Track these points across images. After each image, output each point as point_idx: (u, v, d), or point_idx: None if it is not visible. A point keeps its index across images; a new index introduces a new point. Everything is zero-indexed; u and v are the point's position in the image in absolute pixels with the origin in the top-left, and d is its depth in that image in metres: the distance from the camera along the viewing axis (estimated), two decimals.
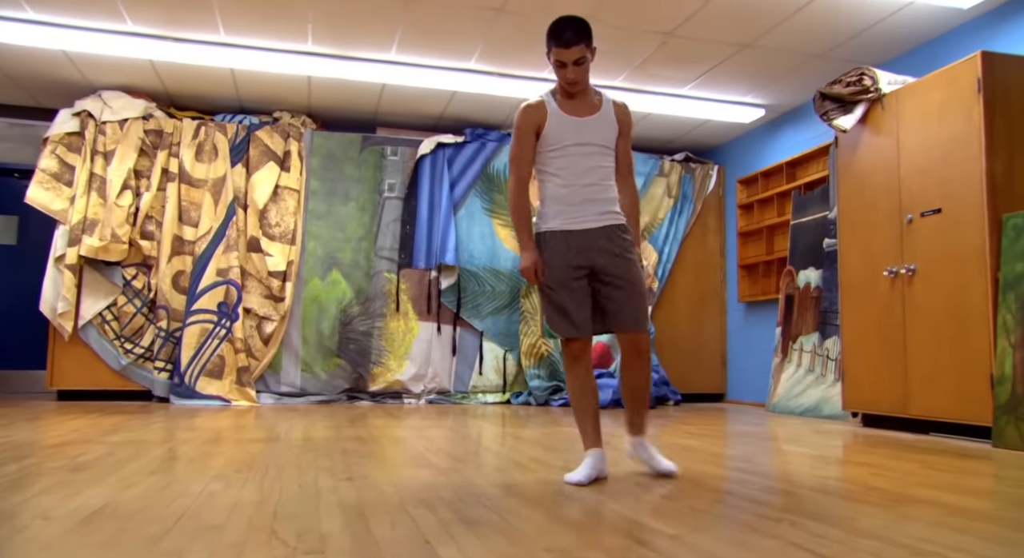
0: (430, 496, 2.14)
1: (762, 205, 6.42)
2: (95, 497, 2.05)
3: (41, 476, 2.38)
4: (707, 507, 2.05)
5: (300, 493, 2.15)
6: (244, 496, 2.09)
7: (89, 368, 5.57)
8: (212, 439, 3.44)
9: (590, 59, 2.46)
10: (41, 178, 5.57)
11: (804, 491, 2.32)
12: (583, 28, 2.43)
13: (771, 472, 2.71)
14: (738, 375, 6.73)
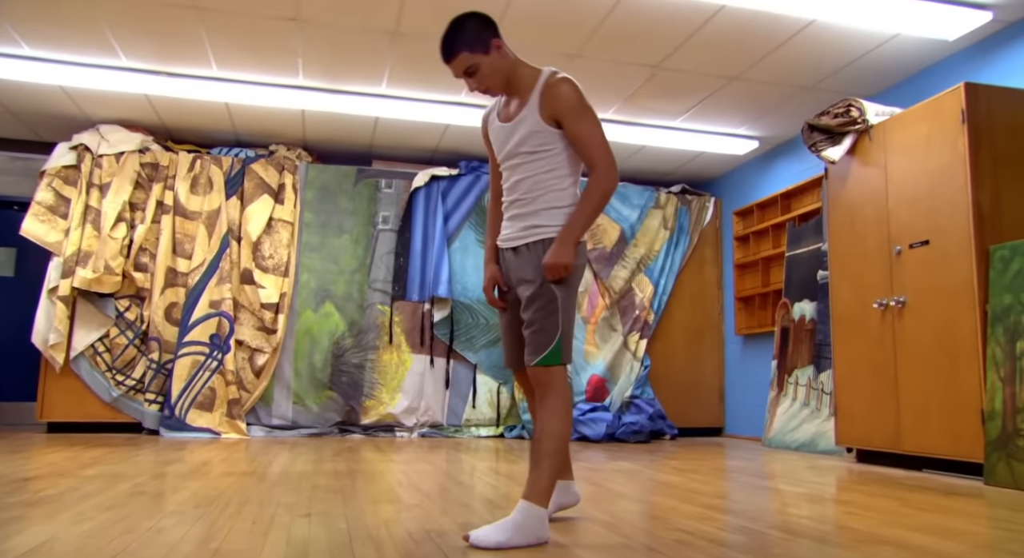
0: (381, 534, 2.09)
1: (758, 237, 6.37)
2: (37, 535, 2.02)
3: None
4: (668, 549, 1.98)
5: (250, 530, 2.11)
6: (191, 533, 2.05)
7: (80, 400, 5.56)
8: (187, 473, 3.41)
9: (486, 61, 2.13)
10: (37, 210, 5.63)
11: (769, 531, 2.25)
12: (452, 38, 2.12)
13: (743, 510, 2.63)
14: (736, 409, 6.63)
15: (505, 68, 2.18)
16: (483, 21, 2.16)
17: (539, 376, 2.11)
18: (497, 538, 1.94)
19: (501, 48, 2.17)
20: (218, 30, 4.49)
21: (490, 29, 2.16)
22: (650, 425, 6.07)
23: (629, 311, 6.56)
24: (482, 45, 2.13)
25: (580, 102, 2.11)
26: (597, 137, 2.12)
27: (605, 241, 6.59)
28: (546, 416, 2.08)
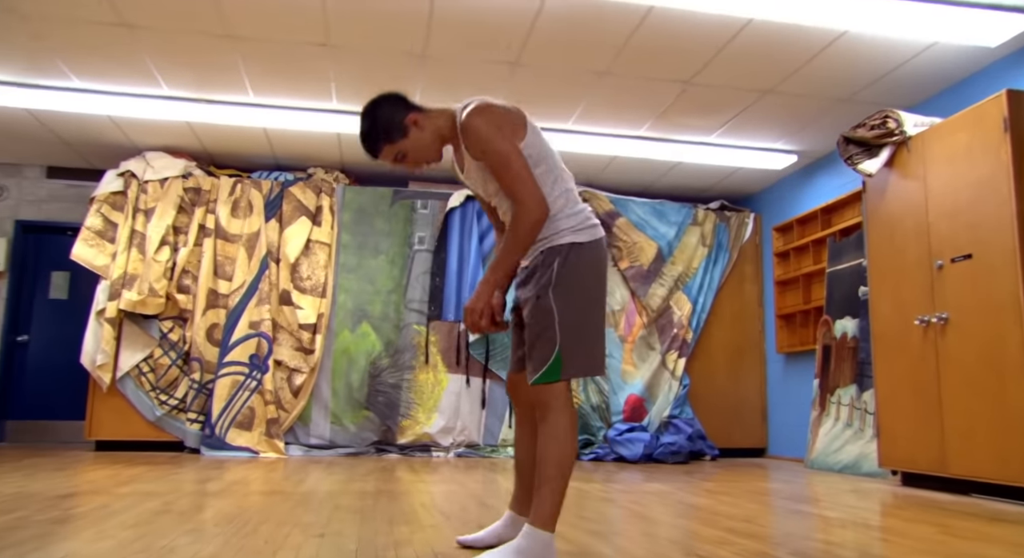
0: (388, 555, 2.08)
1: (798, 253, 6.23)
2: (55, 552, 2.06)
3: (21, 529, 2.41)
4: None
5: (261, 549, 2.12)
6: (202, 552, 2.07)
7: (126, 419, 5.71)
8: (217, 491, 3.46)
9: (409, 143, 2.08)
10: (86, 235, 5.83)
11: (788, 557, 2.17)
12: (368, 137, 2.10)
13: (766, 535, 2.55)
14: (779, 429, 6.45)
15: (429, 138, 2.10)
16: (391, 105, 2.09)
17: (537, 394, 2.01)
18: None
19: (419, 122, 2.08)
20: (252, 58, 4.61)
21: (401, 110, 2.08)
22: (689, 446, 5.95)
23: (667, 329, 6.47)
24: (399, 130, 2.07)
25: (487, 139, 1.99)
26: (511, 172, 1.98)
27: (642, 259, 6.53)
28: (544, 440, 1.96)
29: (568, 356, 1.99)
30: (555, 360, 1.99)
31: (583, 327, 2.02)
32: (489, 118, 2.00)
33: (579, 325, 2.01)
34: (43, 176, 6.82)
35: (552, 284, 2.01)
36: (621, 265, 6.53)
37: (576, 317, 2.01)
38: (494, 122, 2.00)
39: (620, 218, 6.56)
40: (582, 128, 5.63)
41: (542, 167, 2.06)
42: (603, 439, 6.06)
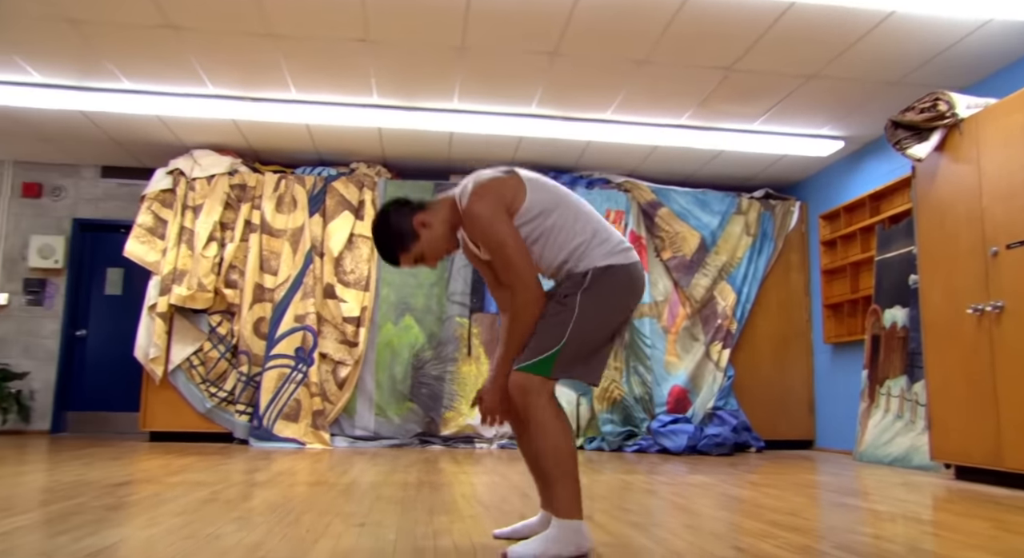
0: (426, 545, 2.11)
1: (845, 241, 6.09)
2: (109, 537, 2.13)
3: (78, 514, 2.50)
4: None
5: (302, 538, 2.17)
6: (245, 540, 2.12)
7: (177, 411, 5.87)
8: (263, 482, 3.54)
9: (423, 244, 2.10)
10: (138, 232, 6.00)
11: (832, 550, 2.13)
12: (384, 249, 2.14)
13: (810, 528, 2.51)
14: (827, 421, 6.33)
15: (439, 234, 2.12)
16: (396, 214, 2.12)
17: (518, 382, 1.96)
18: (534, 552, 1.92)
19: (426, 222, 2.10)
20: (293, 55, 4.67)
21: (406, 216, 2.11)
22: (734, 437, 5.88)
23: (711, 320, 6.39)
24: (410, 236, 2.10)
25: (484, 227, 2.01)
26: (503, 257, 2.01)
27: (685, 249, 6.45)
28: (535, 439, 1.97)
29: (566, 355, 1.97)
30: (553, 354, 1.96)
31: (593, 336, 2.02)
32: (486, 203, 2.02)
33: (591, 333, 2.01)
34: (98, 176, 7.03)
35: (583, 287, 2.02)
36: (664, 255, 6.47)
37: (591, 325, 2.01)
38: (491, 206, 2.02)
39: (662, 208, 6.50)
40: (622, 118, 5.58)
41: (556, 214, 2.07)
42: (646, 430, 6.02)
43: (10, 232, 6.88)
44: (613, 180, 6.65)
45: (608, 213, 6.46)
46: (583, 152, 6.30)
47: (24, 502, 2.76)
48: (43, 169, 6.97)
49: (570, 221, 2.08)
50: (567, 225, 2.07)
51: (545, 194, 2.10)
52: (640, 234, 6.46)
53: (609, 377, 6.15)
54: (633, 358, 6.23)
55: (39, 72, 5.01)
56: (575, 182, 6.58)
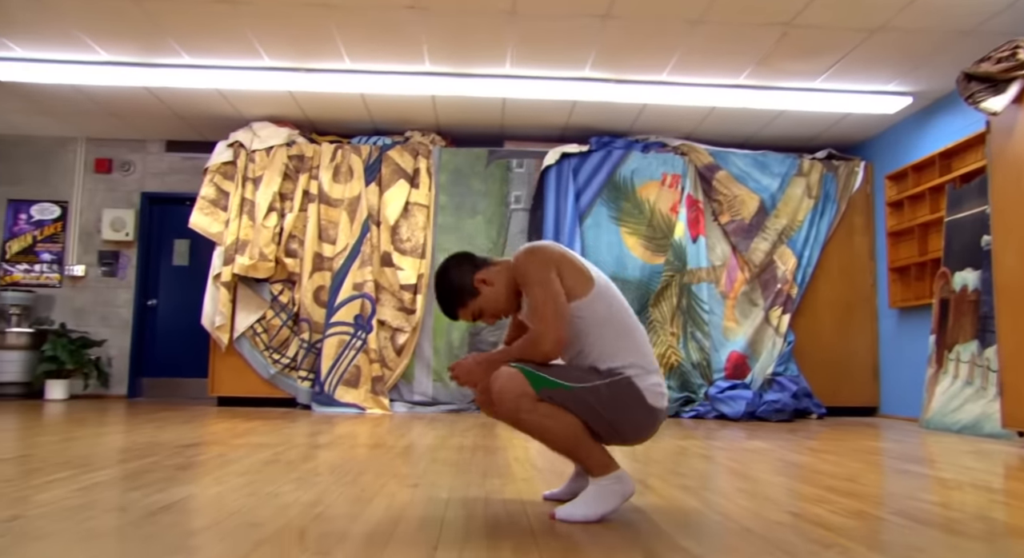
0: (478, 506, 2.15)
1: (913, 202, 5.86)
2: (178, 493, 2.24)
3: (151, 472, 2.63)
4: (761, 527, 1.89)
5: (358, 497, 2.23)
6: (303, 498, 2.20)
7: (243, 377, 6.09)
8: (323, 444, 3.65)
9: (482, 301, 2.10)
10: (201, 204, 6.18)
11: (889, 516, 2.09)
12: (444, 303, 2.15)
13: (867, 493, 2.46)
14: (892, 387, 6.16)
15: (501, 292, 2.11)
16: (458, 269, 2.12)
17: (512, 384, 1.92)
18: (584, 512, 1.94)
19: (487, 280, 2.10)
20: (346, 24, 4.70)
21: (468, 272, 2.11)
22: (794, 403, 5.78)
23: (771, 285, 6.26)
24: (469, 292, 2.10)
25: (527, 270, 2.01)
26: (537, 303, 1.96)
27: (743, 212, 6.31)
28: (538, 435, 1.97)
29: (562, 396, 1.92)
30: (557, 384, 1.93)
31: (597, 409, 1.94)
32: (543, 254, 2.03)
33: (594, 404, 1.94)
34: (163, 150, 7.25)
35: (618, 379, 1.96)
36: (721, 219, 6.34)
37: (603, 402, 1.94)
38: (543, 258, 2.01)
39: (720, 171, 6.36)
40: (677, 79, 5.46)
41: (606, 326, 2.02)
42: (704, 396, 5.97)
43: (85, 207, 7.17)
44: (669, 143, 6.53)
45: (664, 177, 6.36)
46: (638, 115, 6.19)
47: (103, 460, 2.91)
48: (112, 145, 7.22)
49: (620, 332, 2.03)
50: (613, 342, 2.02)
51: (610, 306, 2.04)
52: (697, 198, 6.35)
53: (666, 343, 6.11)
54: (690, 324, 6.17)
55: (105, 50, 5.16)
56: (630, 146, 6.48)
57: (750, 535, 1.83)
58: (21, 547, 1.60)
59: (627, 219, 6.35)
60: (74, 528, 1.78)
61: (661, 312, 6.18)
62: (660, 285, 6.18)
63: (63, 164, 7.19)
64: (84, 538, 1.69)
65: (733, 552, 1.66)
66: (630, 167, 6.39)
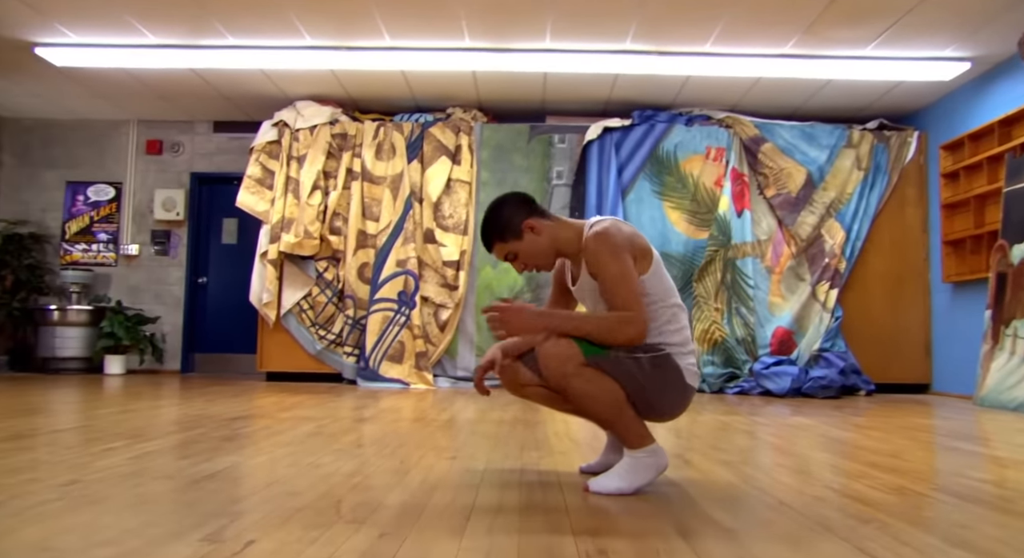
0: (513, 478, 2.17)
1: (970, 172, 5.66)
2: (222, 463, 2.31)
3: (198, 443, 2.72)
4: (799, 502, 1.88)
5: (395, 469, 2.27)
6: (343, 468, 2.25)
7: (290, 352, 6.22)
8: (366, 418, 3.72)
9: (522, 246, 2.06)
10: (248, 184, 6.29)
11: (932, 493, 2.05)
12: (485, 229, 2.10)
13: (911, 469, 2.41)
14: (945, 364, 6.00)
15: (544, 246, 2.07)
16: (515, 205, 2.09)
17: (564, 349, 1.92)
18: (618, 484, 1.95)
19: (536, 228, 2.05)
20: (385, 1, 4.70)
21: (521, 212, 2.07)
22: (841, 380, 5.68)
23: (818, 259, 6.13)
24: (513, 232, 2.06)
25: (605, 252, 1.95)
26: (622, 286, 1.92)
27: (790, 186, 6.18)
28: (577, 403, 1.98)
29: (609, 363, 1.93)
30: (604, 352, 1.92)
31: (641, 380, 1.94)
32: (623, 237, 1.98)
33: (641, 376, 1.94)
34: (211, 131, 7.38)
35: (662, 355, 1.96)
36: (767, 193, 6.22)
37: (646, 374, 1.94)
38: (618, 243, 1.96)
39: (765, 144, 6.22)
40: (721, 50, 5.34)
41: (659, 304, 2.02)
42: (748, 372, 5.90)
43: (138, 188, 7.36)
44: (714, 116, 6.40)
45: (708, 150, 6.25)
46: (681, 88, 6.08)
47: (155, 431, 3.02)
48: (162, 127, 7.38)
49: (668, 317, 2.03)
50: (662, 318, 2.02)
51: (661, 278, 2.05)
52: (742, 171, 6.23)
53: (710, 319, 6.04)
54: (735, 299, 6.09)
55: (153, 33, 5.26)
56: (674, 120, 6.38)
57: (786, 509, 1.82)
58: (76, 510, 1.67)
59: (670, 193, 6.27)
60: (125, 493, 1.86)
61: (705, 287, 6.10)
62: (704, 260, 6.11)
63: (116, 146, 7.39)
64: (134, 503, 1.76)
65: (767, 525, 1.65)
66: (673, 141, 6.29)
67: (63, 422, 3.30)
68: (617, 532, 1.57)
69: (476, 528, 1.58)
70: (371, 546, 1.43)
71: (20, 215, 7.24)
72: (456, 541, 1.47)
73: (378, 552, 1.39)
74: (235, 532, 1.51)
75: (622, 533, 1.56)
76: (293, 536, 1.49)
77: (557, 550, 1.43)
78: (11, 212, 7.26)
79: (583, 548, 1.44)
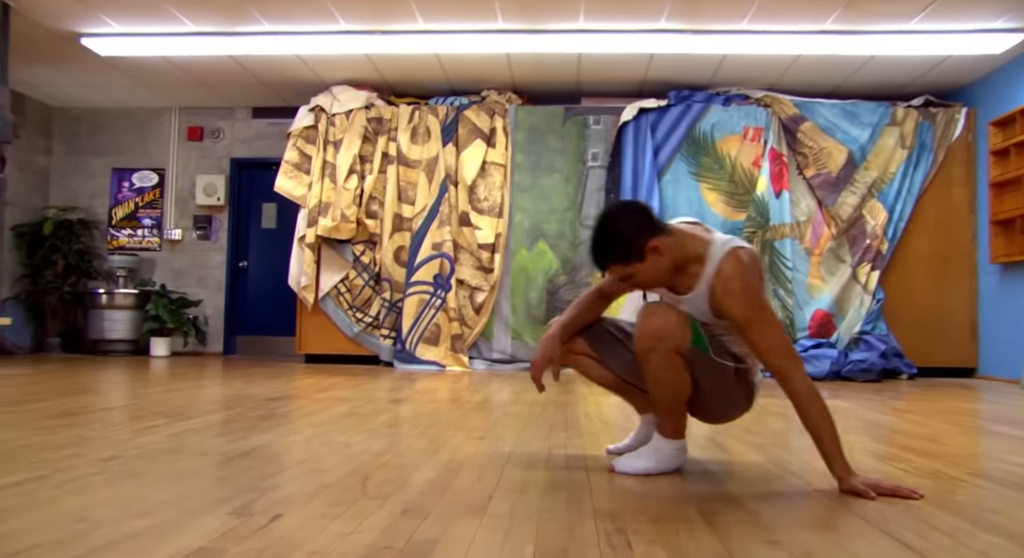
0: (539, 457, 2.18)
1: (1021, 149, 5.46)
2: (257, 441, 2.37)
3: (235, 422, 2.79)
4: (829, 485, 1.86)
5: (424, 448, 2.30)
6: (372, 447, 2.29)
7: (328, 335, 6.32)
8: (399, 399, 3.77)
9: (642, 269, 1.86)
10: (285, 169, 6.38)
11: (966, 477, 2.01)
12: (601, 250, 1.89)
13: (947, 453, 2.36)
14: (992, 347, 5.84)
15: (664, 267, 1.87)
16: (636, 224, 1.85)
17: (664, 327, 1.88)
18: (644, 465, 1.96)
19: (659, 249, 1.84)
20: None
21: (645, 232, 1.84)
22: (882, 363, 5.57)
23: (859, 240, 6.00)
24: (637, 255, 1.84)
25: (753, 301, 1.82)
26: (777, 343, 1.83)
27: (830, 166, 6.04)
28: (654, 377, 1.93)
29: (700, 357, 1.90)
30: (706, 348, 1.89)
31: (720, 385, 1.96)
32: (753, 275, 1.84)
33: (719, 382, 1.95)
34: (250, 117, 7.49)
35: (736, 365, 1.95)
36: (807, 173, 6.09)
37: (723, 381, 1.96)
38: (757, 277, 1.85)
39: (805, 123, 6.09)
40: (759, 27, 5.23)
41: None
42: None
43: (180, 173, 7.51)
44: (752, 95, 6.29)
45: (746, 130, 6.15)
46: (718, 67, 5.98)
47: (194, 410, 3.10)
48: (203, 113, 7.51)
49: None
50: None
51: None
52: (781, 151, 6.11)
53: None
54: (773, 281, 6.00)
55: (191, 21, 5.34)
56: (711, 100, 6.28)
57: (811, 491, 1.80)
58: (114, 483, 1.74)
59: (707, 174, 6.19)
60: (162, 468, 1.92)
61: None
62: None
63: (159, 133, 7.54)
64: (170, 477, 1.82)
65: (794, 509, 1.64)
66: (710, 121, 6.20)
67: (109, 401, 3.41)
68: (640, 513, 1.57)
69: (498, 507, 1.59)
70: (392, 522, 1.45)
71: (69, 202, 7.45)
72: (477, 519, 1.49)
73: (399, 528, 1.41)
74: (263, 507, 1.55)
75: (644, 514, 1.56)
76: (318, 511, 1.52)
77: (577, 529, 1.44)
78: (61, 199, 7.47)
79: (603, 527, 1.45)
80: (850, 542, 1.38)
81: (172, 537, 1.33)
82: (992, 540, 1.41)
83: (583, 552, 1.29)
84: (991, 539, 1.42)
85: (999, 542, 1.40)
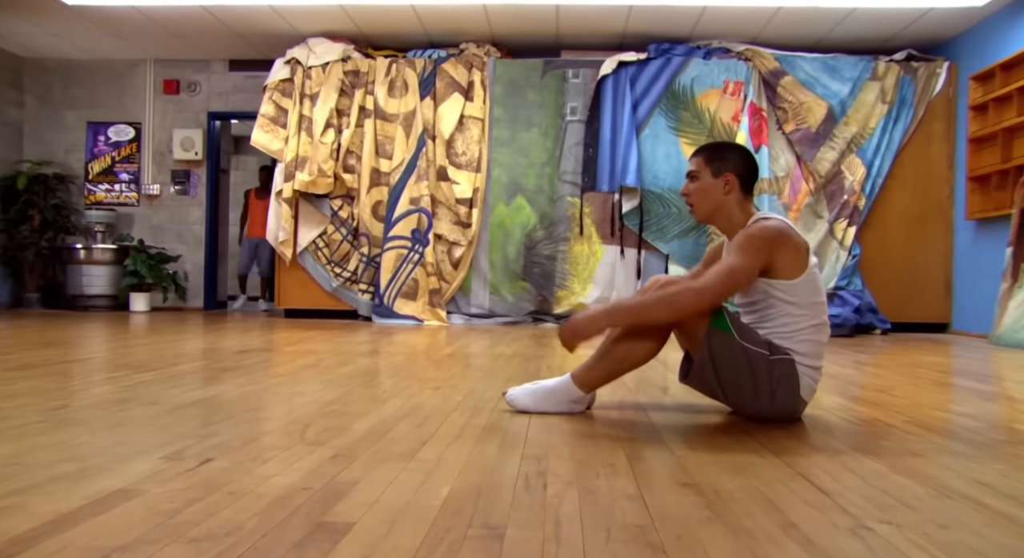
0: (487, 406, 2.21)
1: (1000, 104, 5.44)
2: (211, 391, 2.39)
3: (194, 374, 2.81)
4: (756, 430, 1.89)
5: (376, 398, 2.33)
6: (323, 397, 2.31)
7: (307, 290, 6.33)
8: (365, 352, 3.79)
9: (707, 180, 2.06)
10: (261, 122, 6.31)
11: (901, 425, 2.05)
12: (713, 147, 2.14)
13: (893, 404, 2.40)
14: (966, 302, 5.89)
15: (717, 199, 2.08)
16: (741, 159, 2.10)
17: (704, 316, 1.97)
18: (530, 401, 2.10)
19: (729, 185, 2.07)
20: None
21: (738, 166, 2.08)
22: (856, 318, 5.62)
23: (837, 196, 6.00)
24: (717, 171, 2.08)
25: (750, 242, 1.94)
26: (723, 270, 1.91)
27: (809, 120, 6.01)
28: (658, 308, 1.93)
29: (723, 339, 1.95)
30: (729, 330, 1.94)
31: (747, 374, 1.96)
32: (762, 236, 1.96)
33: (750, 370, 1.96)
34: (226, 70, 7.38)
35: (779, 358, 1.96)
36: (786, 128, 6.06)
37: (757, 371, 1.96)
38: (762, 242, 1.95)
39: (786, 77, 6.03)
40: None
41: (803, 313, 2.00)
42: None
43: (156, 127, 7.43)
44: (733, 49, 6.21)
45: (726, 84, 6.09)
46: (699, 19, 5.90)
47: (158, 363, 3.12)
48: (179, 66, 7.39)
49: (810, 323, 2.01)
50: (798, 326, 2.00)
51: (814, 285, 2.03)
52: (761, 106, 6.07)
53: None
54: None
55: None
56: (691, 53, 6.21)
57: (740, 436, 1.83)
58: (55, 430, 1.76)
59: (686, 129, 6.15)
60: (107, 417, 1.94)
61: None
62: None
63: (134, 86, 7.43)
64: (112, 425, 1.84)
65: (720, 455, 1.67)
66: (690, 75, 6.14)
67: (75, 354, 3.43)
68: (568, 458, 1.60)
69: (428, 452, 1.62)
70: (319, 466, 1.48)
71: (44, 156, 7.37)
72: (404, 463, 1.52)
73: (323, 471, 1.44)
74: (196, 452, 1.58)
75: (572, 459, 1.59)
76: (249, 456, 1.55)
77: (499, 471, 1.47)
78: (36, 153, 7.39)
79: (524, 470, 1.48)
80: (765, 486, 1.41)
81: (96, 480, 1.36)
82: (901, 480, 1.44)
83: (496, 493, 1.32)
84: (900, 480, 1.45)
85: (906, 482, 1.43)
